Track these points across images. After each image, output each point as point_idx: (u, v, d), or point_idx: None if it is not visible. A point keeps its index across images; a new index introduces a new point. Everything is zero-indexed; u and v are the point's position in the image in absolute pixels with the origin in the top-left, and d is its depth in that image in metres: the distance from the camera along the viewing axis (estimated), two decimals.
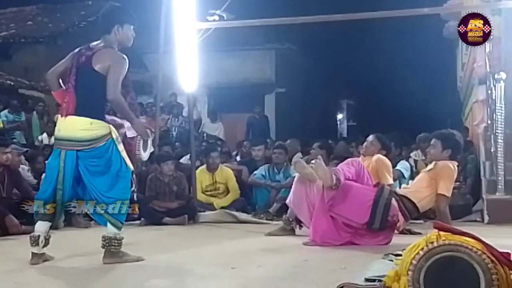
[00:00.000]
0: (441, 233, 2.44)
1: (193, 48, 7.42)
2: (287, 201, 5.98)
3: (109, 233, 4.33)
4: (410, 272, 2.36)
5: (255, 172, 8.41)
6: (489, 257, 2.31)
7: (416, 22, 12.32)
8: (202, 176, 8.15)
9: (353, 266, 4.05)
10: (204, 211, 7.68)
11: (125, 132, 4.65)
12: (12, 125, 11.78)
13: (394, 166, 7.15)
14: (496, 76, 7.24)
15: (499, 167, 6.95)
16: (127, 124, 4.62)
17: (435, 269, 2.34)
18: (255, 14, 10.50)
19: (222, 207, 7.87)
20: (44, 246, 4.33)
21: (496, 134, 7.06)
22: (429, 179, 5.61)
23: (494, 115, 7.19)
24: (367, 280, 3.38)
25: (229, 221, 7.46)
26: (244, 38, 17.36)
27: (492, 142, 7.23)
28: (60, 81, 4.54)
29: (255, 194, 8.32)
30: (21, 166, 7.51)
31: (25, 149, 8.30)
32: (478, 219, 7.02)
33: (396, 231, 5.42)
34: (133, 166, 6.61)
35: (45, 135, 11.57)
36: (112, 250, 4.31)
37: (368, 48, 17.87)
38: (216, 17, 12.20)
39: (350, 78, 20.38)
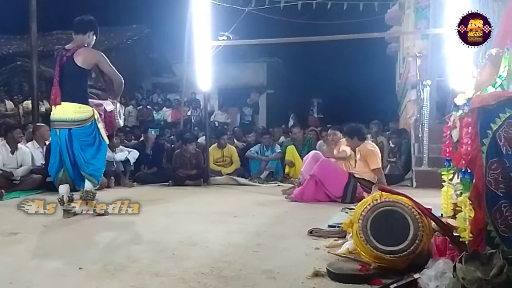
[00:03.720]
0: (383, 193, 2.44)
1: (208, 60, 7.35)
2: (299, 177, 5.85)
3: (86, 188, 4.08)
4: (360, 221, 2.37)
5: (251, 149, 8.42)
6: (416, 211, 2.31)
7: (368, 43, 12.23)
8: (214, 151, 8.14)
9: (320, 216, 4.07)
10: (214, 177, 7.67)
11: (104, 108, 4.34)
12: None
13: None
14: (424, 82, 7.24)
15: (424, 147, 6.97)
16: (104, 102, 4.37)
17: (378, 218, 2.35)
18: (252, 36, 10.43)
19: (228, 174, 7.88)
20: (70, 202, 4.06)
21: (423, 124, 7.06)
22: (363, 163, 5.52)
23: (422, 110, 7.20)
24: (330, 226, 3.40)
25: (232, 183, 7.47)
26: (244, 53, 17.25)
27: (420, 129, 7.23)
28: None
29: (250, 165, 8.32)
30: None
31: None
32: (408, 184, 7.04)
33: None
34: (115, 132, 6.32)
35: None
36: (88, 201, 4.08)
37: (333, 61, 17.82)
38: (225, 37, 12.08)
39: (320, 82, 20.33)
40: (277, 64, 19.42)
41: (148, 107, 15.04)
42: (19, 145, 6.31)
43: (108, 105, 4.34)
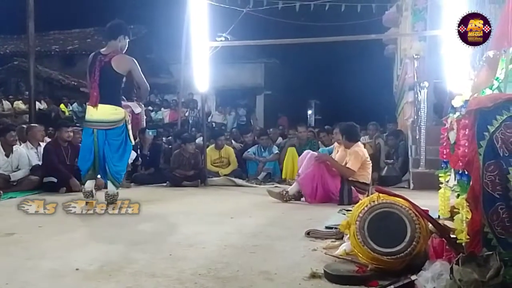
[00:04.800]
0: (380, 194, 2.44)
1: (205, 60, 7.35)
2: (296, 178, 5.59)
3: (110, 191, 4.44)
4: (357, 222, 2.36)
5: (248, 150, 8.43)
6: (414, 212, 2.31)
7: (366, 45, 12.25)
8: (211, 152, 8.13)
9: (317, 218, 4.06)
10: (212, 177, 7.67)
11: (132, 110, 4.73)
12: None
13: None
14: (421, 84, 7.26)
15: (421, 149, 6.98)
16: (132, 104, 4.74)
17: (375, 220, 2.35)
18: (250, 37, 10.44)
19: (225, 175, 7.87)
20: (93, 197, 4.46)
21: (420, 126, 7.08)
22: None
23: (419, 112, 7.22)
24: (327, 227, 3.40)
25: (229, 184, 7.46)
26: (242, 54, 17.26)
27: (417, 131, 7.25)
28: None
29: (248, 166, 8.32)
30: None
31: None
32: (405, 186, 7.05)
33: None
34: (140, 133, 6.80)
35: None
36: (114, 203, 4.39)
37: (331, 62, 17.83)
38: (223, 38, 12.06)
39: (317, 83, 20.35)
40: (274, 65, 19.43)
41: (150, 107, 15.04)
42: (14, 147, 6.22)
43: (136, 108, 4.72)
